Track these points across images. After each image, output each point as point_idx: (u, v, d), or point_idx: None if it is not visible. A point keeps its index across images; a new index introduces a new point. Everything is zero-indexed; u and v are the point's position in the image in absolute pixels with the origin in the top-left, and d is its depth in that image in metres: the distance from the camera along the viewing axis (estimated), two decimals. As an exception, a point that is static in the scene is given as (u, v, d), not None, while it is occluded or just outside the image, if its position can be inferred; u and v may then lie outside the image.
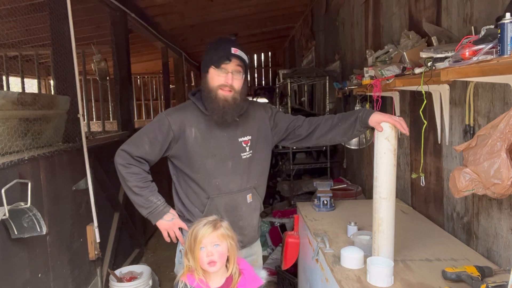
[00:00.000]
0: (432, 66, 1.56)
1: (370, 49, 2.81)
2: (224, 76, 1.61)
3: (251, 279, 1.56)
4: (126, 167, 1.66)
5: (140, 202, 1.68)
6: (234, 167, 1.71)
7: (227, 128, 1.70)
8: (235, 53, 1.60)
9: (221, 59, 1.59)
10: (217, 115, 1.64)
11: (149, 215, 1.69)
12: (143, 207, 1.68)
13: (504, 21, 1.13)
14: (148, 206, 1.68)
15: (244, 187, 1.74)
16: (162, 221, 1.70)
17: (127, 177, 1.66)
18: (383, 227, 1.54)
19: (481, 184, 1.37)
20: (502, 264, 1.57)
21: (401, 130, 1.52)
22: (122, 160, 1.67)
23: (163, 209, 1.69)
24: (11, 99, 2.12)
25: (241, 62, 1.62)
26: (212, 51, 1.64)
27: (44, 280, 2.24)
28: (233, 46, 1.62)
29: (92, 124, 7.23)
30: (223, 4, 5.21)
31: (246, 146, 1.73)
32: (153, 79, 10.99)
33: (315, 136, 1.78)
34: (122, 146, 1.70)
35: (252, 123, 1.77)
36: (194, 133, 1.67)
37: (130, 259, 3.75)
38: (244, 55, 1.64)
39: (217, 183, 1.69)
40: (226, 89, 1.61)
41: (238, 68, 1.62)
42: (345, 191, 3.17)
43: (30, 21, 3.58)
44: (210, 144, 1.68)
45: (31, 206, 1.91)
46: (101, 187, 3.13)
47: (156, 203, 1.68)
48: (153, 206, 1.68)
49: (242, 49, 1.64)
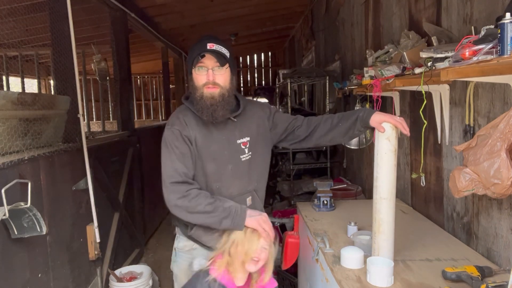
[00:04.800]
0: (432, 66, 1.56)
1: (370, 49, 2.81)
2: (205, 74, 1.56)
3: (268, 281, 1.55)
4: (185, 197, 1.52)
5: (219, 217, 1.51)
6: (234, 170, 1.66)
7: (225, 131, 1.67)
8: (211, 48, 1.54)
9: (197, 57, 1.55)
10: (206, 114, 1.58)
11: (234, 220, 1.50)
12: (225, 217, 1.51)
13: (504, 21, 1.13)
14: (229, 213, 1.51)
15: (244, 190, 1.70)
16: (250, 218, 1.51)
17: (193, 204, 1.51)
18: (384, 227, 1.54)
19: (481, 184, 1.37)
20: (502, 264, 1.57)
21: (402, 130, 1.51)
22: (177, 194, 1.53)
23: (242, 207, 1.54)
24: (11, 99, 2.12)
25: (220, 56, 1.55)
26: (191, 52, 1.61)
27: (44, 280, 2.24)
28: (209, 42, 1.55)
29: (92, 124, 7.23)
30: (223, 4, 5.21)
31: (245, 148, 1.69)
32: (153, 79, 11.00)
33: (315, 136, 1.75)
34: (164, 189, 1.57)
35: (250, 123, 1.73)
36: (194, 137, 1.64)
37: (130, 259, 3.75)
38: (223, 49, 1.57)
39: (218, 187, 1.65)
40: (211, 86, 1.57)
41: (216, 64, 1.55)
42: (345, 191, 3.17)
43: (30, 21, 3.58)
44: (211, 147, 1.64)
45: (31, 206, 1.91)
46: (101, 187, 3.13)
47: (234, 206, 1.53)
48: (233, 209, 1.52)
49: (220, 43, 1.57)
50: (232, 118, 1.67)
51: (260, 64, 11.11)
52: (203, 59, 1.56)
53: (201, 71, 1.58)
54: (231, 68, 1.63)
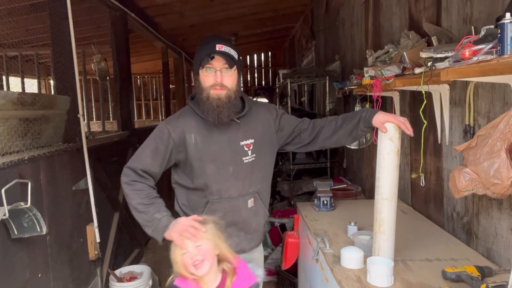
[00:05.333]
0: (432, 66, 1.56)
1: (370, 49, 2.81)
2: (213, 76, 1.56)
3: (245, 278, 1.49)
4: (129, 185, 1.57)
5: (144, 221, 1.53)
6: (235, 171, 1.65)
7: (228, 132, 1.65)
8: (220, 49, 1.53)
9: (206, 58, 1.54)
10: (212, 116, 1.57)
11: (153, 232, 1.51)
12: (147, 226, 1.52)
13: (504, 21, 1.13)
14: (152, 224, 1.51)
15: (245, 192, 1.68)
16: (169, 230, 1.47)
17: (130, 195, 1.56)
18: (384, 227, 1.54)
19: (481, 184, 1.37)
20: (502, 264, 1.57)
21: (405, 131, 1.49)
22: (125, 178, 1.58)
23: (166, 222, 1.49)
24: (11, 99, 2.12)
25: (229, 58, 1.55)
26: (198, 52, 1.60)
27: (44, 280, 2.24)
28: (218, 43, 1.54)
29: (92, 124, 7.23)
30: (223, 4, 5.21)
31: (248, 150, 1.67)
32: (153, 79, 11.00)
33: (320, 139, 1.72)
34: (126, 164, 1.62)
35: (254, 125, 1.70)
36: (194, 139, 1.62)
37: (130, 259, 3.76)
38: (232, 50, 1.56)
39: (218, 188, 1.64)
40: (218, 87, 1.56)
41: (225, 65, 1.55)
42: (345, 191, 3.17)
43: (30, 21, 3.59)
44: (211, 148, 1.63)
45: (31, 206, 1.91)
46: (101, 187, 3.13)
47: (159, 219, 1.51)
48: (156, 222, 1.51)
49: (229, 45, 1.57)
50: (235, 120, 1.65)
51: (260, 64, 11.10)
52: (212, 60, 1.55)
53: (209, 72, 1.57)
54: (239, 70, 1.63)
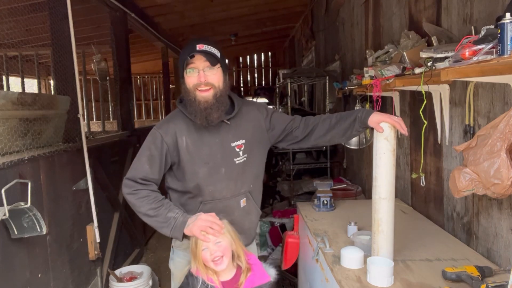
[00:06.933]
0: (432, 66, 1.56)
1: (370, 49, 2.81)
2: (197, 76, 1.55)
3: (259, 275, 1.56)
4: (133, 194, 1.59)
5: (159, 223, 1.56)
6: (227, 173, 1.65)
7: (218, 134, 1.64)
8: (201, 48, 1.53)
9: (186, 59, 1.54)
10: (200, 118, 1.57)
11: (172, 231, 1.54)
12: (164, 226, 1.55)
13: (504, 21, 1.13)
14: (169, 223, 1.55)
15: (238, 192, 1.69)
16: (189, 226, 1.52)
17: (137, 204, 1.57)
18: (383, 227, 1.54)
19: (481, 184, 1.37)
20: (502, 264, 1.57)
21: (400, 130, 1.51)
22: (128, 189, 1.60)
23: (183, 219, 1.54)
24: (11, 99, 2.12)
25: (210, 56, 1.54)
26: (180, 55, 1.60)
27: (44, 280, 2.24)
28: (198, 43, 1.55)
29: (92, 124, 7.24)
30: (223, 4, 5.22)
31: (239, 150, 1.67)
32: (153, 79, 11.00)
33: (313, 137, 1.73)
34: (125, 176, 1.64)
35: (245, 125, 1.70)
36: (185, 142, 1.62)
37: (130, 259, 3.76)
38: (213, 49, 1.56)
39: (211, 190, 1.65)
40: (203, 87, 1.55)
41: (207, 64, 1.54)
42: (345, 191, 3.17)
43: (30, 21, 3.58)
44: (202, 151, 1.63)
45: (31, 206, 1.91)
46: (101, 187, 3.13)
47: (174, 217, 1.55)
48: (172, 221, 1.55)
49: (210, 43, 1.57)
50: (225, 121, 1.65)
51: (260, 64, 11.10)
52: (193, 59, 1.55)
53: (192, 73, 1.57)
54: (223, 68, 1.62)
